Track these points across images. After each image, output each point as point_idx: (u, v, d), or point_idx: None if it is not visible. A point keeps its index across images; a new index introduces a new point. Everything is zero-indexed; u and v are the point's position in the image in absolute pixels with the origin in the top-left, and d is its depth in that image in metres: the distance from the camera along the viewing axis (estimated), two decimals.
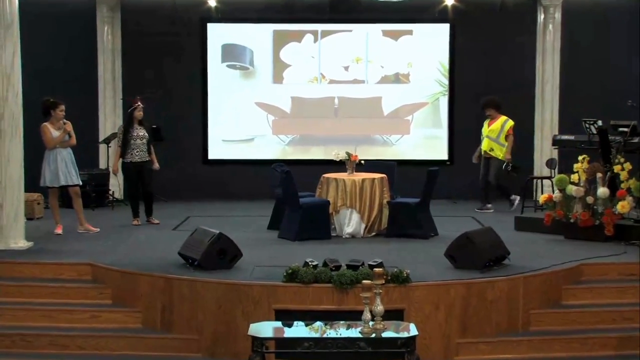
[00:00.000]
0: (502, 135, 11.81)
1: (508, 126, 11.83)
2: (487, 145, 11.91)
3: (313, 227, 9.69)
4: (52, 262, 8.48)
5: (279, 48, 13.69)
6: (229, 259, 8.06)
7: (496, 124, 11.86)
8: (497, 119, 11.91)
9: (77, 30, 13.47)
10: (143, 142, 10.65)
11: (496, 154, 11.83)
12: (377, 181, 9.99)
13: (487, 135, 11.91)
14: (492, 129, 11.86)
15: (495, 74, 13.49)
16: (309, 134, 13.84)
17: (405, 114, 13.72)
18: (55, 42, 13.51)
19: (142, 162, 10.65)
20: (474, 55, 13.52)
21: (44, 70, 13.27)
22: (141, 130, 10.69)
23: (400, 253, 8.84)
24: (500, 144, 11.82)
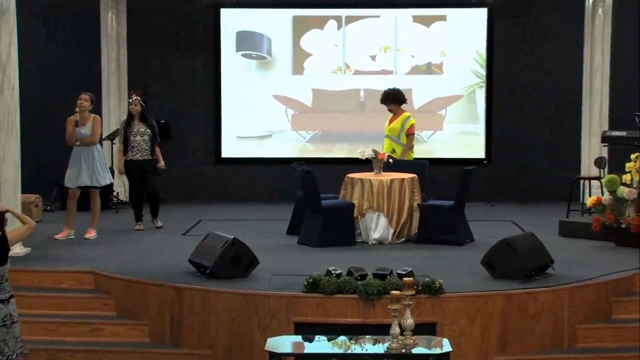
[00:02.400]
0: (403, 135, 10.97)
1: (409, 124, 10.96)
2: (388, 146, 11.03)
3: (336, 232, 9.68)
4: (51, 270, 8.53)
5: (299, 35, 13.70)
6: (244, 267, 8.08)
7: (397, 122, 11.01)
8: (398, 115, 11.05)
9: (79, 17, 13.57)
10: (144, 139, 10.65)
11: (399, 156, 10.94)
12: (407, 182, 9.97)
13: (387, 135, 11.07)
14: (393, 128, 11.00)
15: (537, 64, 13.43)
16: (331, 129, 13.84)
17: (438, 107, 13.68)
18: (55, 30, 13.62)
19: (143, 160, 10.65)
20: (513, 43, 13.47)
21: (42, 61, 13.39)
22: (142, 126, 10.68)
23: (432, 261, 8.82)
24: (402, 145, 11.00)
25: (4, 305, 6.27)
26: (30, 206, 11.16)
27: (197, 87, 13.70)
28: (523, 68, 13.43)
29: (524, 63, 13.44)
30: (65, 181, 10.11)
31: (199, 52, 13.69)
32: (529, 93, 13.49)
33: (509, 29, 13.47)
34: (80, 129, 10.00)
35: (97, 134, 10.11)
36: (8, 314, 6.28)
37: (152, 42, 13.63)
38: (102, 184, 10.17)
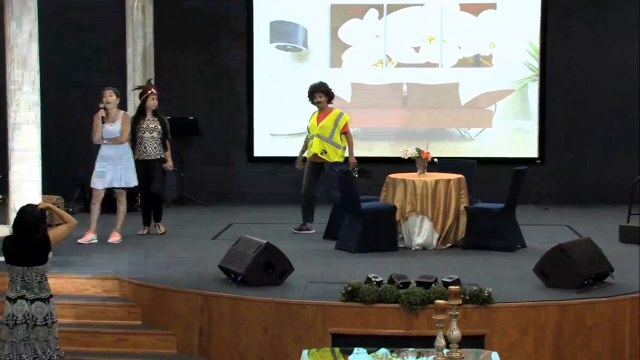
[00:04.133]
0: (336, 134, 10.72)
1: (343, 122, 10.76)
2: (318, 146, 10.73)
3: (377, 236, 9.68)
4: (74, 276, 8.62)
5: (338, 25, 13.71)
6: (277, 274, 8.10)
7: (328, 120, 10.75)
8: (327, 112, 10.82)
9: (102, 8, 13.68)
10: (153, 136, 10.53)
11: (330, 157, 10.67)
12: (453, 183, 9.93)
13: (317, 134, 10.78)
14: (324, 126, 10.73)
15: (595, 56, 13.30)
16: (372, 126, 13.82)
17: (486, 103, 13.61)
18: (77, 20, 13.74)
19: (151, 160, 10.53)
20: (570, 33, 13.36)
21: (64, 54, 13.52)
22: (152, 122, 10.57)
23: (480, 268, 8.78)
24: (336, 145, 10.72)
25: (45, 304, 6.48)
26: None
27: (228, 81, 13.75)
28: (579, 60, 13.30)
29: (581, 55, 13.32)
30: (92, 181, 10.18)
31: (230, 43, 13.75)
32: (585, 87, 13.36)
33: (565, 17, 13.36)
34: (108, 126, 10.07)
35: (126, 132, 10.16)
36: (49, 313, 6.51)
37: (180, 34, 13.70)
38: (130, 185, 10.23)
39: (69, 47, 13.64)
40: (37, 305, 6.46)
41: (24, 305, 6.44)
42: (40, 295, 6.49)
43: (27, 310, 6.44)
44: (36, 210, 6.62)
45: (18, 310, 6.44)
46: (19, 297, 6.46)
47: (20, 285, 6.46)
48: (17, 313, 6.43)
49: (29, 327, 6.44)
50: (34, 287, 6.47)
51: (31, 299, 6.46)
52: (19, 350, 6.44)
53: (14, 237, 6.56)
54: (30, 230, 6.48)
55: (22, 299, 6.46)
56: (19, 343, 6.44)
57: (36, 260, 6.48)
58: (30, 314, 6.44)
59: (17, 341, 6.43)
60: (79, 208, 12.61)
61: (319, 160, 10.75)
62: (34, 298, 6.46)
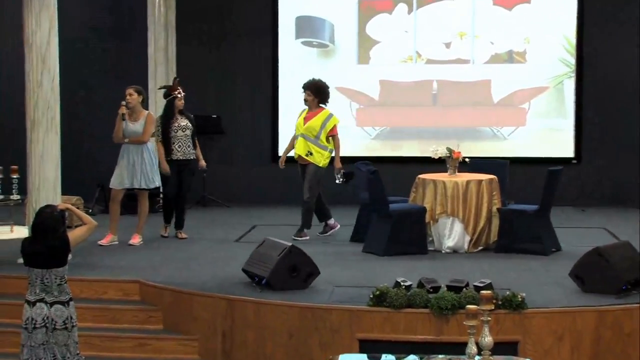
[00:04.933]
0: (323, 136, 10.53)
1: (331, 124, 10.58)
2: (303, 147, 10.57)
3: (406, 239, 9.67)
4: (93, 279, 8.67)
5: (365, 21, 13.70)
6: (303, 278, 8.10)
7: (315, 120, 10.57)
8: (316, 112, 10.64)
9: (123, 2, 13.76)
10: (186, 134, 10.56)
11: (315, 159, 10.53)
12: (485, 183, 9.91)
13: (302, 134, 10.60)
14: (310, 127, 10.53)
15: (634, 50, 13.21)
16: (401, 125, 13.81)
17: (520, 100, 13.56)
18: (97, 15, 13.82)
19: (185, 160, 10.56)
20: (608, 27, 13.28)
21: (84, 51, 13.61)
22: (183, 120, 10.59)
23: (513, 272, 8.76)
24: (321, 147, 10.54)
25: (65, 308, 6.52)
26: None
27: (252, 78, 13.78)
28: (617, 56, 13.22)
29: (619, 50, 13.23)
30: (111, 182, 10.22)
31: (254, 39, 13.77)
32: (623, 84, 13.28)
33: (603, 11, 13.28)
34: (130, 125, 10.11)
35: (148, 132, 10.19)
36: (69, 316, 6.55)
37: (203, 29, 13.75)
38: (151, 186, 10.26)
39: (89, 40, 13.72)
40: (57, 308, 6.50)
41: (43, 309, 6.49)
42: (60, 298, 6.53)
43: (46, 314, 6.48)
44: (55, 211, 6.66)
45: (37, 313, 6.48)
46: (38, 300, 6.50)
47: (40, 288, 6.51)
48: (37, 316, 6.48)
49: (49, 330, 6.48)
50: (54, 289, 6.51)
51: (50, 302, 6.50)
52: (38, 355, 6.48)
53: (33, 239, 6.61)
54: (49, 232, 6.52)
55: (42, 302, 6.50)
56: (38, 347, 6.48)
57: (55, 262, 6.52)
58: (49, 317, 6.48)
59: (36, 345, 6.48)
60: (99, 209, 12.67)
61: (304, 162, 10.62)
62: (53, 301, 6.50)
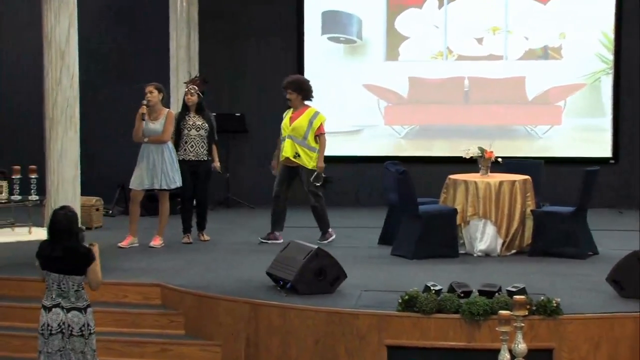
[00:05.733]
0: (310, 136, 10.39)
1: (318, 122, 10.42)
2: (290, 149, 10.41)
3: (436, 242, 9.66)
4: (113, 283, 8.68)
5: (394, 16, 13.70)
6: (329, 281, 8.10)
7: (301, 120, 10.40)
8: (301, 111, 10.48)
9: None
10: (200, 134, 10.50)
11: (303, 161, 10.38)
12: (519, 184, 9.87)
13: (289, 135, 10.42)
14: (297, 127, 10.38)
15: None
16: (431, 124, 13.79)
17: (555, 98, 13.52)
18: (118, 12, 13.90)
19: (197, 160, 10.52)
20: None
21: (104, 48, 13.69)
22: (198, 119, 10.54)
23: (548, 276, 8.72)
24: (309, 149, 10.40)
25: (82, 314, 6.54)
26: (90, 210, 11.42)
27: (277, 75, 13.72)
28: None
29: None
30: (131, 182, 10.26)
31: (279, 35, 13.80)
32: None
33: None
34: (150, 124, 10.15)
35: (168, 131, 10.22)
36: (86, 323, 6.56)
37: (226, 25, 13.80)
38: (172, 187, 10.28)
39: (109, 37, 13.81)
40: (74, 314, 6.52)
41: (59, 314, 6.51)
42: (77, 304, 6.54)
43: (62, 319, 6.50)
44: (69, 211, 6.66)
45: (53, 319, 6.50)
46: (54, 306, 6.52)
47: (56, 293, 6.53)
48: (52, 322, 6.50)
49: (65, 336, 6.49)
50: (70, 295, 6.52)
51: (67, 307, 6.52)
52: None
53: (49, 242, 6.63)
54: (64, 233, 6.52)
55: (58, 307, 6.52)
56: (54, 354, 6.50)
57: (73, 270, 6.52)
58: (65, 322, 6.49)
59: (53, 352, 6.49)
60: (119, 210, 12.77)
61: (292, 164, 10.44)
62: (70, 307, 6.52)
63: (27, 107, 13.57)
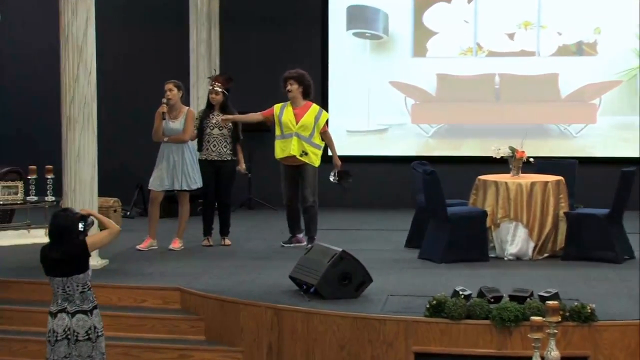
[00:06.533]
0: (316, 133, 10.32)
1: (324, 119, 10.38)
2: (297, 147, 10.27)
3: (465, 245, 9.65)
4: (132, 286, 8.75)
5: (422, 10, 13.69)
6: (354, 286, 8.11)
7: (308, 117, 10.31)
8: (305, 108, 10.40)
9: None
10: (223, 134, 10.49)
11: (310, 159, 10.30)
12: (552, 185, 9.85)
13: (295, 133, 10.28)
14: (304, 125, 10.28)
15: None
16: (460, 122, 13.78)
17: (590, 96, 13.46)
18: (134, 9, 13.97)
19: (220, 160, 10.50)
20: None
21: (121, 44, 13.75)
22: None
23: (582, 281, 8.71)
24: (316, 147, 10.33)
25: (87, 317, 6.55)
26: (108, 211, 11.42)
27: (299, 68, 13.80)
28: None
29: None
30: (150, 183, 10.30)
31: (302, 31, 13.82)
32: None
33: None
34: (170, 122, 10.19)
35: (189, 131, 10.26)
36: (92, 326, 6.56)
37: (248, 20, 13.82)
38: (193, 187, 10.32)
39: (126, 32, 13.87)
40: (79, 318, 6.52)
41: (65, 319, 6.52)
42: (82, 307, 6.55)
43: (67, 324, 6.50)
44: (71, 213, 6.68)
45: (58, 325, 6.51)
46: (60, 311, 6.53)
47: (62, 298, 6.54)
48: (58, 328, 6.50)
49: (71, 342, 6.50)
50: (75, 298, 6.53)
51: (72, 311, 6.52)
52: None
53: (50, 245, 6.63)
54: (64, 234, 6.53)
55: (63, 312, 6.53)
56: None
57: (75, 269, 6.53)
58: (71, 328, 6.49)
59: (59, 359, 6.52)
60: (137, 211, 12.82)
61: (296, 162, 10.34)
62: (75, 311, 6.52)
63: (43, 105, 13.64)
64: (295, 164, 10.37)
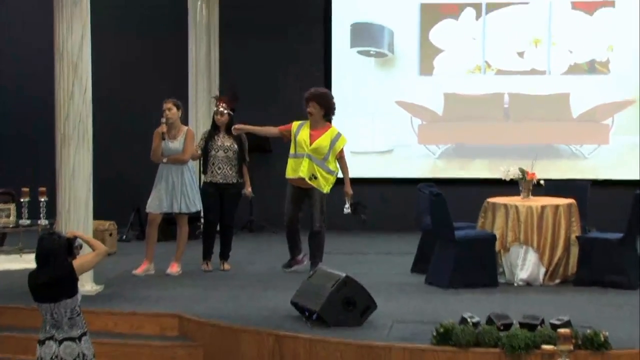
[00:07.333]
0: (331, 157, 10.24)
1: (341, 144, 10.30)
2: (308, 169, 10.21)
3: (473, 269, 9.65)
4: (128, 312, 8.75)
5: (428, 27, 13.75)
6: (358, 312, 8.10)
7: (323, 139, 10.21)
8: (323, 130, 10.29)
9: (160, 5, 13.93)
10: (228, 156, 10.51)
11: (319, 184, 10.23)
12: (563, 208, 9.85)
13: (307, 155, 10.20)
14: (318, 147, 10.19)
15: None
16: (467, 143, 13.80)
17: (603, 115, 13.49)
18: (131, 18, 14.02)
19: (225, 183, 10.51)
20: None
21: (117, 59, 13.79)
22: (227, 140, 10.54)
23: (595, 308, 8.71)
24: (328, 171, 10.26)
25: (75, 344, 6.51)
26: (103, 234, 11.48)
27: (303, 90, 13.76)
28: None
29: None
30: (148, 205, 10.30)
31: (305, 48, 13.86)
32: None
33: None
34: (169, 142, 10.22)
35: (189, 151, 10.27)
36: (80, 353, 6.52)
37: (249, 37, 13.87)
38: (192, 210, 10.33)
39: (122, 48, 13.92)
40: (66, 345, 6.48)
41: (52, 347, 6.48)
42: (71, 334, 6.50)
43: (55, 352, 6.45)
44: (57, 236, 6.67)
45: (46, 352, 6.47)
46: (48, 338, 6.50)
47: (50, 325, 6.52)
48: (45, 356, 6.46)
49: None
50: (64, 324, 6.50)
51: (60, 339, 6.47)
52: None
53: (37, 270, 6.61)
54: (50, 258, 6.50)
55: (51, 339, 6.49)
56: None
57: (63, 293, 6.51)
58: (58, 356, 6.44)
59: None
60: (134, 234, 12.83)
61: (305, 185, 10.27)
62: (63, 338, 6.47)
63: (36, 123, 13.67)
64: (303, 186, 10.30)
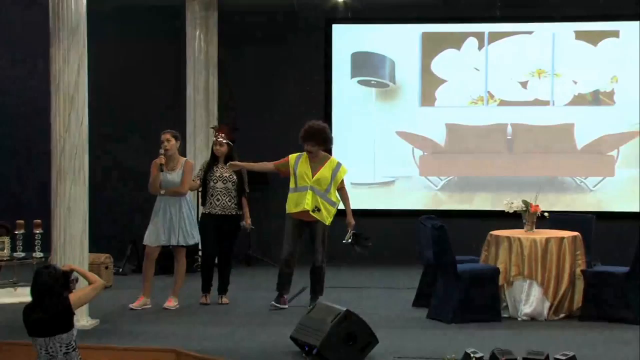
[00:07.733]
0: (333, 188, 10.26)
1: (342, 175, 10.31)
2: (312, 202, 10.19)
3: (476, 304, 9.63)
4: (124, 348, 8.70)
5: (430, 57, 13.78)
6: (359, 347, 8.08)
7: (324, 171, 10.21)
8: (324, 161, 10.31)
9: (160, 36, 13.99)
10: (227, 187, 10.48)
11: (322, 217, 10.22)
12: (568, 241, 9.85)
13: (310, 187, 10.17)
14: (320, 179, 10.18)
15: None
16: (470, 175, 13.80)
17: (608, 147, 13.50)
18: (130, 51, 14.06)
19: (224, 215, 10.48)
20: None
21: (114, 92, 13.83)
22: (226, 171, 10.51)
23: (601, 344, 8.68)
24: (330, 203, 10.27)
25: None
26: (99, 268, 11.46)
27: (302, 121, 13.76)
28: None
29: None
30: (145, 237, 10.29)
31: (305, 78, 13.89)
32: None
33: None
34: (167, 174, 10.23)
35: (187, 183, 10.27)
36: None
37: (248, 67, 13.90)
38: (190, 243, 10.33)
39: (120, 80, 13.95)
40: None
41: None
42: None
43: None
44: (53, 269, 6.65)
45: None
46: None
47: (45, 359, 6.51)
48: None
49: None
50: None
51: None
52: None
53: (32, 304, 6.59)
54: (46, 293, 6.48)
55: None
56: None
57: (58, 328, 6.49)
58: None
59: None
60: (130, 268, 12.80)
61: (308, 218, 10.24)
62: None
63: (31, 156, 13.68)
64: (306, 219, 10.27)
